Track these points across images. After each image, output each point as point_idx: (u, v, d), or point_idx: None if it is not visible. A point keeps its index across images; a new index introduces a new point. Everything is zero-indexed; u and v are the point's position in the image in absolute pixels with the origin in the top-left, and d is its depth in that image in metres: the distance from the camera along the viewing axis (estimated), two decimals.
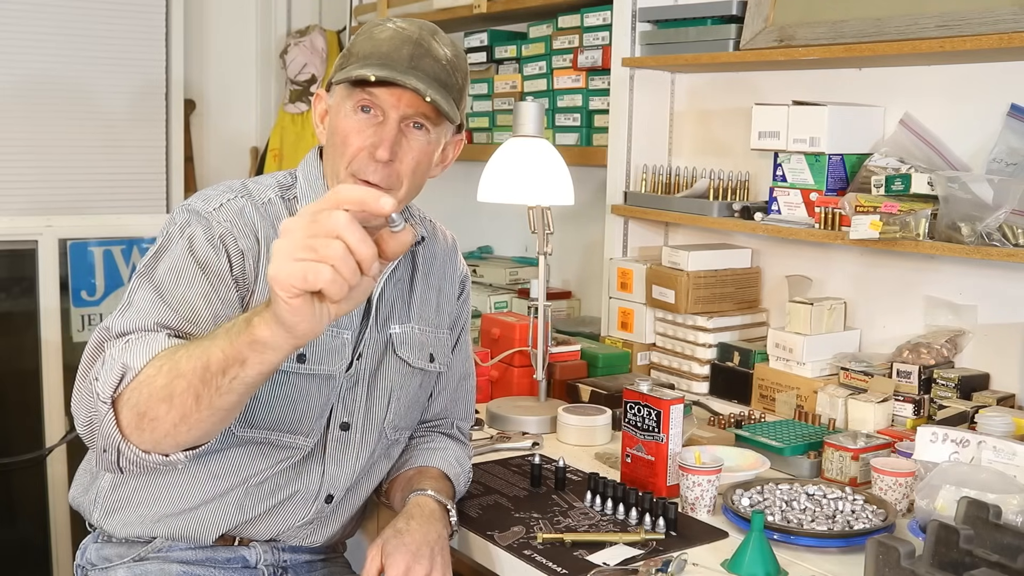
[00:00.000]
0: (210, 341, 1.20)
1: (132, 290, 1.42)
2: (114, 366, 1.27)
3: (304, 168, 1.61)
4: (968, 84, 2.04)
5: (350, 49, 1.53)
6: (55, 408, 3.14)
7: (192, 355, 1.20)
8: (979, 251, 1.83)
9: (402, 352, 1.65)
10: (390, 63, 1.47)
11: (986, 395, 1.95)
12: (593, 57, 2.70)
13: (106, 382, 1.26)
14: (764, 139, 2.22)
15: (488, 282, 3.11)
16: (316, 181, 1.58)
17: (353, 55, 1.51)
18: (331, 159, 1.54)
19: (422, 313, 1.69)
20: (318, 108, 1.59)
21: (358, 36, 1.54)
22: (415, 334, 1.67)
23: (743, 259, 2.45)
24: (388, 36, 1.50)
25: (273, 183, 1.58)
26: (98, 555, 1.60)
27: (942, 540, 1.27)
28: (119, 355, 1.28)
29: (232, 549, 1.59)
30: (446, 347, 1.74)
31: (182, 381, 1.20)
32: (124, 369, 1.26)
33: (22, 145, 3.56)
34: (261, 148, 4.29)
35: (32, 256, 3.18)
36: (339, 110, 1.51)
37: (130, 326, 1.35)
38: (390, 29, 1.51)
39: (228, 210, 1.49)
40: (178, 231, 1.47)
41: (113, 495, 1.56)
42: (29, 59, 3.55)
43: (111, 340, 1.34)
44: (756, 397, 2.25)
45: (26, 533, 3.18)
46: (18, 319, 3.23)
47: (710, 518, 1.67)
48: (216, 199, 1.51)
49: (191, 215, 1.48)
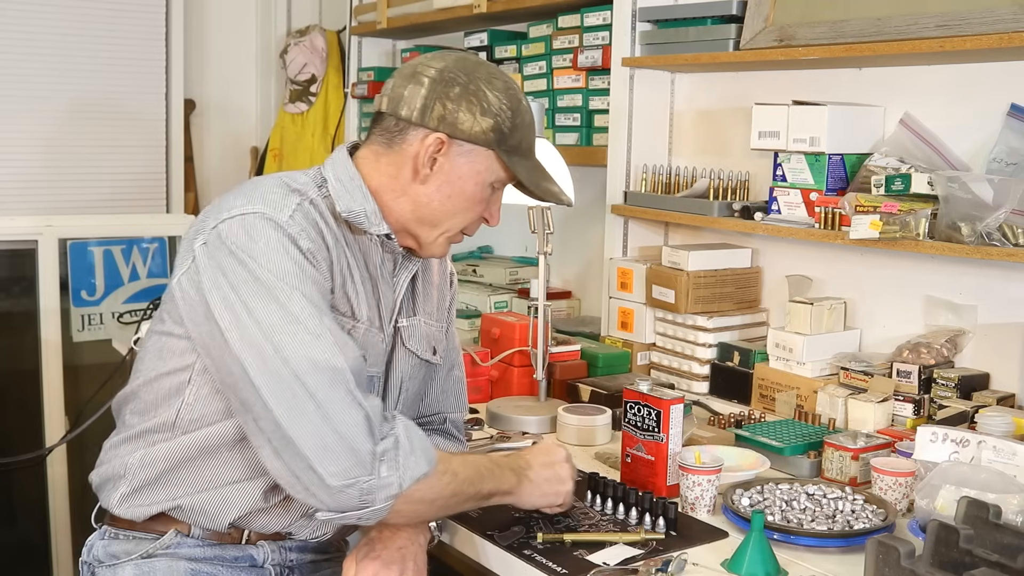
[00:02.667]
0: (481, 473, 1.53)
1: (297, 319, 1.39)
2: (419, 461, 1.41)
3: (334, 169, 1.56)
4: (968, 84, 2.04)
5: (511, 130, 1.54)
6: (55, 408, 3.14)
7: (471, 480, 1.50)
8: (979, 251, 1.83)
9: (411, 344, 1.67)
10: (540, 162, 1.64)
11: (986, 395, 1.95)
12: (593, 57, 2.70)
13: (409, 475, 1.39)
14: (764, 139, 2.22)
15: (488, 282, 3.11)
16: (351, 183, 1.54)
17: (514, 138, 1.55)
18: (438, 206, 1.55)
19: (424, 307, 1.71)
20: (431, 148, 1.51)
21: (514, 115, 1.55)
22: (420, 327, 1.69)
23: (743, 259, 2.45)
24: (531, 121, 1.60)
25: (310, 181, 1.54)
26: (105, 552, 1.59)
27: (942, 540, 1.27)
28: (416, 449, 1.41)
29: (240, 548, 1.59)
30: (444, 340, 1.77)
31: (458, 498, 1.49)
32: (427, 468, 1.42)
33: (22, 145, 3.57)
34: (261, 148, 4.29)
35: (32, 256, 3.18)
36: (478, 179, 1.54)
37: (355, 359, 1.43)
38: (528, 110, 1.60)
39: (299, 216, 1.46)
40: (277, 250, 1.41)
41: (142, 472, 1.55)
42: (30, 59, 3.55)
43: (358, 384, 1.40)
44: (756, 397, 2.25)
45: (26, 533, 3.18)
46: (18, 319, 3.23)
47: (710, 518, 1.67)
48: (284, 205, 1.45)
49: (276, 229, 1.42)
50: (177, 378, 1.52)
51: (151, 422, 1.54)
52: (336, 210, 1.52)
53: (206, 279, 1.42)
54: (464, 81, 1.52)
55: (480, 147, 1.53)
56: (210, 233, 1.44)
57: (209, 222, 1.46)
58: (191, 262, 1.45)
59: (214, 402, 1.50)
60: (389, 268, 1.62)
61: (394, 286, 1.63)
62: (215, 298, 1.40)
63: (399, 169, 1.55)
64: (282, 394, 1.35)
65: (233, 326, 1.38)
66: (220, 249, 1.42)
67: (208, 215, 1.48)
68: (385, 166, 1.56)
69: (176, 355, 1.51)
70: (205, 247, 1.43)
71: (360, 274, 1.56)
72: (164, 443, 1.53)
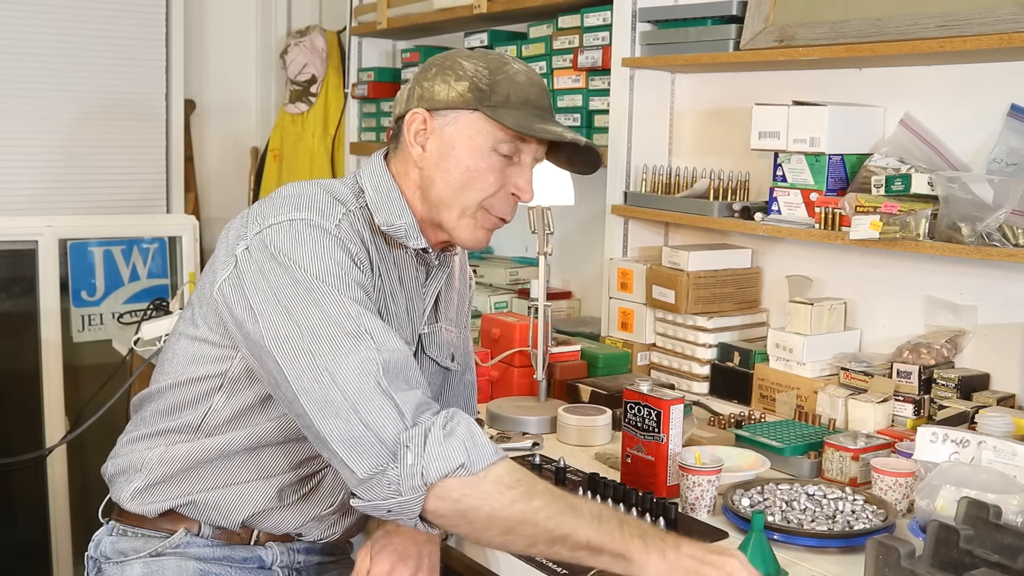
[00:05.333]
0: (581, 517, 1.28)
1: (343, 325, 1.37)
2: (451, 452, 1.29)
3: (372, 179, 1.57)
4: (968, 84, 2.04)
5: (491, 87, 1.50)
6: (55, 408, 3.14)
7: (553, 515, 1.29)
8: (979, 251, 1.83)
9: (431, 351, 1.68)
10: (547, 117, 1.54)
11: (986, 395, 1.95)
12: (593, 57, 2.70)
13: (435, 466, 1.29)
14: (764, 139, 2.22)
15: (488, 282, 3.11)
16: (390, 194, 1.55)
17: (499, 95, 1.50)
18: (446, 186, 1.53)
19: (446, 314, 1.72)
20: (414, 126, 1.53)
21: (492, 73, 1.51)
22: (441, 334, 1.70)
23: (743, 259, 2.45)
24: (528, 80, 1.54)
25: (348, 192, 1.54)
26: (113, 548, 1.59)
27: (942, 540, 1.27)
28: (452, 440, 1.30)
29: (248, 548, 1.59)
30: (462, 346, 1.78)
31: (530, 528, 1.29)
32: (464, 462, 1.29)
33: (22, 145, 3.57)
34: (261, 148, 4.29)
35: (32, 256, 3.18)
36: (474, 143, 1.51)
37: (394, 352, 1.37)
38: (521, 71, 1.54)
39: (346, 224, 1.47)
40: (322, 254, 1.41)
41: (160, 468, 1.55)
42: (29, 59, 3.55)
43: (391, 379, 1.34)
44: (756, 397, 2.25)
45: (26, 533, 3.19)
46: (18, 319, 3.23)
47: (710, 518, 1.67)
48: (331, 214, 1.46)
49: (324, 234, 1.43)
50: (208, 384, 1.53)
51: (175, 422, 1.55)
52: (374, 222, 1.53)
53: (248, 282, 1.42)
54: (440, 62, 1.55)
55: (462, 110, 1.52)
56: (254, 239, 1.44)
57: (252, 228, 1.45)
58: (233, 267, 1.44)
59: (242, 409, 1.51)
60: (422, 279, 1.64)
61: (424, 296, 1.64)
62: (257, 300, 1.40)
63: (406, 164, 1.57)
64: (315, 393, 1.34)
65: (271, 328, 1.38)
66: (263, 253, 1.41)
67: (249, 221, 1.47)
68: (397, 165, 1.58)
69: (210, 362, 1.52)
70: (248, 252, 1.43)
71: (394, 286, 1.57)
72: (185, 444, 1.54)
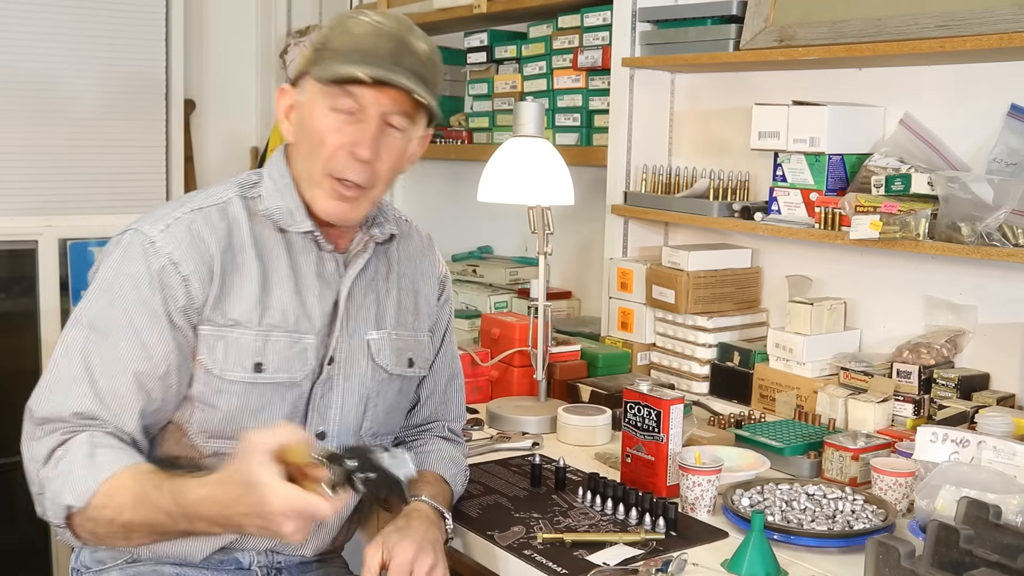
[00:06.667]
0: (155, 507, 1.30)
1: (62, 350, 1.43)
2: (57, 505, 1.35)
3: (270, 167, 1.56)
4: (968, 84, 2.04)
5: (324, 44, 1.47)
6: None
7: (140, 513, 1.31)
8: (979, 251, 1.83)
9: (380, 359, 1.61)
10: (373, 60, 1.43)
11: (986, 395, 1.95)
12: (593, 57, 2.70)
13: (53, 512, 1.36)
14: (764, 139, 2.22)
15: (488, 282, 3.10)
16: (282, 180, 1.54)
17: (329, 50, 1.46)
18: (302, 157, 1.51)
19: (400, 317, 1.65)
20: (282, 103, 1.53)
21: (332, 30, 1.49)
22: (393, 340, 1.63)
23: (743, 259, 2.45)
24: (367, 31, 1.46)
25: (235, 183, 1.55)
26: (92, 557, 1.60)
27: (942, 540, 1.27)
28: (56, 489, 1.35)
29: (226, 551, 1.58)
30: (426, 350, 1.71)
31: (138, 531, 1.33)
32: (68, 510, 1.35)
33: (22, 145, 3.56)
34: (261, 148, 4.29)
35: (32, 256, 3.18)
36: (313, 107, 1.47)
37: (49, 412, 1.41)
38: (367, 23, 1.47)
39: (175, 231, 1.46)
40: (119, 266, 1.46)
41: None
42: (29, 59, 3.55)
43: (37, 434, 1.41)
44: (756, 397, 2.25)
45: (26, 533, 3.18)
46: (18, 319, 3.23)
47: (710, 518, 1.67)
48: (164, 218, 1.48)
49: (134, 244, 1.47)
50: None
51: None
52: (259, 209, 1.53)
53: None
54: None
55: (307, 77, 1.50)
56: None
57: None
58: None
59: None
60: (331, 268, 1.56)
61: (338, 288, 1.56)
62: None
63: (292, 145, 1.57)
64: None
65: None
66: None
67: None
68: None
69: None
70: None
71: (280, 271, 1.51)
72: None
